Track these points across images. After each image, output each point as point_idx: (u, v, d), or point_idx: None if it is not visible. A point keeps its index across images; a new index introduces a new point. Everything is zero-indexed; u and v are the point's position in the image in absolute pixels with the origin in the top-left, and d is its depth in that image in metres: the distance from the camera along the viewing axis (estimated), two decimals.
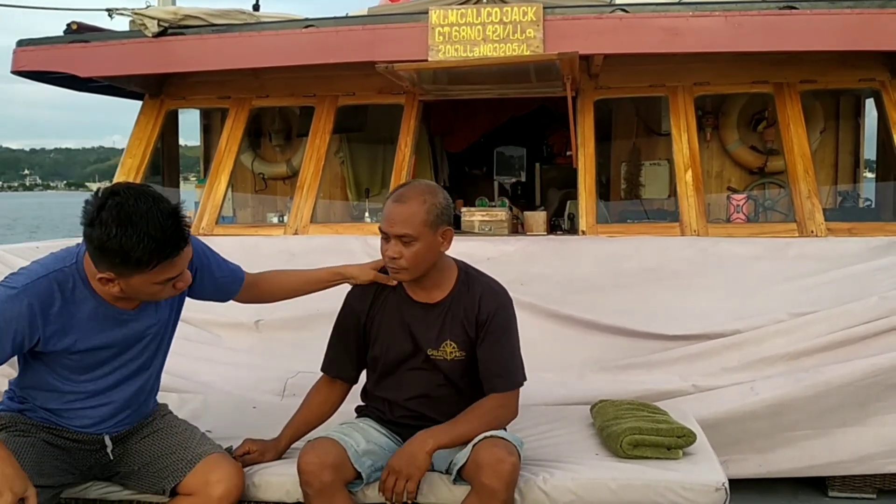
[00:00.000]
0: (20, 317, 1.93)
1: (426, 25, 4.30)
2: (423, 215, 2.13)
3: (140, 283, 1.95)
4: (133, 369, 2.23)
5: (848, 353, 3.20)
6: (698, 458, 2.30)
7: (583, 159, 4.52)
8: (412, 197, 2.15)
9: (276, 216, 5.21)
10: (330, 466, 2.08)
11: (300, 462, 2.11)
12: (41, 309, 1.96)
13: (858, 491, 3.22)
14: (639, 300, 3.68)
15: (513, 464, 2.04)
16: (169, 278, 1.98)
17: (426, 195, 2.16)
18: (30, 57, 4.85)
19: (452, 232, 2.22)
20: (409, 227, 2.12)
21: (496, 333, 2.23)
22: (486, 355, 2.22)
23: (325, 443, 2.15)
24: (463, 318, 2.24)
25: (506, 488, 2.03)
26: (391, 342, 2.29)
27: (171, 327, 2.32)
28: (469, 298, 2.25)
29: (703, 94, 4.68)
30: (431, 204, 2.15)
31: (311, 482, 2.08)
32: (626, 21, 4.17)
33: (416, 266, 2.17)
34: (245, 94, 5.06)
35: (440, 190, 2.23)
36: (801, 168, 4.34)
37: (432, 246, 2.17)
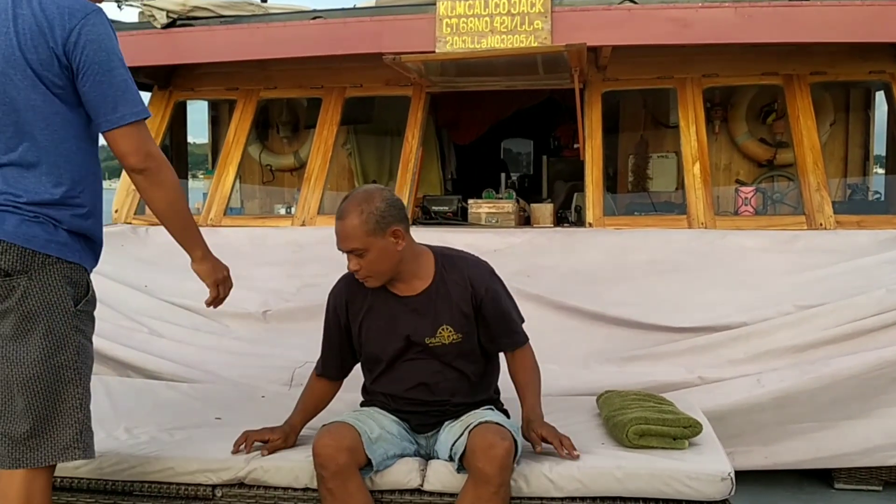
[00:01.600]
0: None
1: (434, 17, 4.30)
2: (363, 226, 2.16)
3: None
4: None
5: (855, 345, 3.19)
6: (704, 448, 2.31)
7: (590, 151, 4.52)
8: (349, 211, 2.19)
9: (283, 207, 5.23)
10: (346, 450, 2.12)
11: (316, 445, 2.14)
12: None
13: (864, 483, 3.23)
14: (645, 292, 3.68)
15: (505, 448, 2.06)
16: None
17: (362, 205, 2.18)
18: None
19: (403, 229, 2.23)
20: (354, 241, 2.17)
21: (497, 300, 2.30)
22: (494, 322, 2.30)
23: (340, 427, 2.19)
24: (455, 299, 2.27)
25: (499, 472, 2.05)
26: (385, 341, 2.31)
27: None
28: (456, 279, 2.29)
29: (711, 85, 4.66)
30: (368, 213, 2.17)
31: (327, 465, 2.11)
32: (634, 12, 4.15)
33: (378, 272, 2.23)
34: (253, 85, 5.07)
35: (379, 193, 2.23)
36: (811, 161, 4.32)
37: (386, 249, 2.20)
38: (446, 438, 2.24)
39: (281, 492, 2.27)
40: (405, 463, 2.26)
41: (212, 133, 6.51)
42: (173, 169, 2.03)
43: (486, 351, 2.36)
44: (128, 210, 4.95)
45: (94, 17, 1.86)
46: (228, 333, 3.73)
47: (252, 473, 2.27)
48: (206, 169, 6.42)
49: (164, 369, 3.39)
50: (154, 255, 4.40)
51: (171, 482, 2.31)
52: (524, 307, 3.57)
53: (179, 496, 2.31)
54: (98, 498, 2.34)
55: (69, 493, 2.35)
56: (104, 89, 1.85)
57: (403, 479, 2.24)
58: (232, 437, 2.39)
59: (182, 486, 2.30)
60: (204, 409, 2.76)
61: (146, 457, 2.32)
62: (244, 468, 2.27)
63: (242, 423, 2.52)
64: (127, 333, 3.61)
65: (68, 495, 2.36)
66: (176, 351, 3.52)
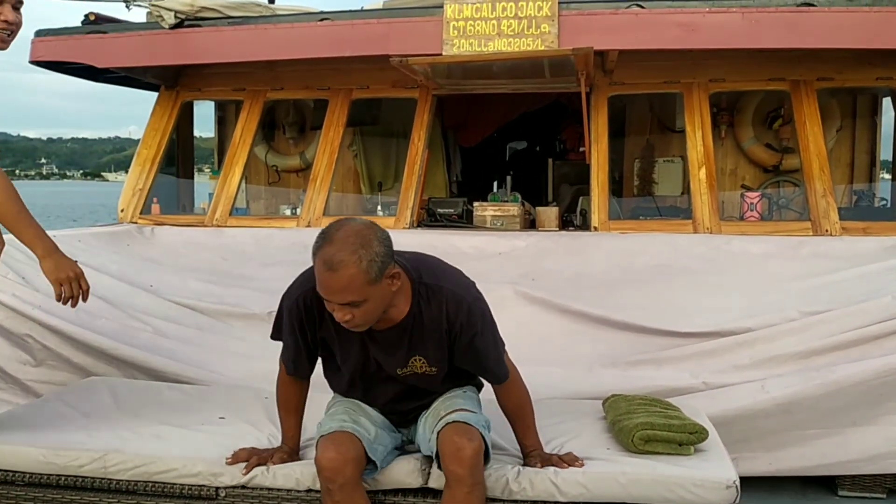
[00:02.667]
0: None
1: (441, 19, 4.31)
2: (363, 276, 1.87)
3: None
4: None
5: (860, 352, 3.18)
6: (710, 454, 2.30)
7: (596, 155, 4.52)
8: (345, 261, 1.86)
9: (289, 208, 5.23)
10: (352, 461, 2.09)
11: (322, 458, 2.08)
12: None
13: (868, 490, 3.21)
14: (650, 297, 3.67)
15: (473, 449, 2.04)
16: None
17: (359, 251, 1.87)
18: (48, 47, 4.89)
19: (399, 270, 2.01)
20: (351, 294, 1.89)
21: (473, 340, 2.11)
22: (471, 361, 2.18)
23: (343, 437, 2.13)
24: (431, 332, 2.10)
25: (470, 473, 2.05)
26: (354, 364, 2.21)
27: None
28: (433, 311, 2.08)
29: (718, 90, 4.66)
30: (369, 261, 1.88)
31: (335, 478, 2.07)
32: (641, 17, 4.15)
33: (372, 319, 2.01)
34: (260, 86, 5.09)
35: (373, 233, 1.93)
36: (817, 166, 4.32)
37: (384, 295, 1.97)
38: (423, 433, 2.25)
39: (284, 493, 2.27)
40: (408, 462, 2.25)
41: (218, 133, 6.52)
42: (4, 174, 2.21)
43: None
44: (133, 210, 4.97)
45: None
46: (233, 334, 3.73)
47: (256, 479, 2.27)
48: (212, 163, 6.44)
49: (168, 369, 3.39)
50: (159, 255, 4.41)
51: (174, 482, 2.31)
52: (529, 310, 3.62)
53: (183, 496, 2.31)
54: (102, 497, 2.35)
55: (73, 491, 2.36)
56: None
57: (406, 479, 2.24)
58: (236, 438, 2.40)
59: (186, 487, 2.30)
60: (208, 410, 2.76)
61: (150, 456, 2.32)
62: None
63: (247, 423, 2.53)
64: (132, 333, 3.61)
65: (72, 493, 2.36)
66: (181, 351, 3.53)
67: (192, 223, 4.80)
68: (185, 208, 5.79)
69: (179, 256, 4.41)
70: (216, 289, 3.97)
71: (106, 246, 4.34)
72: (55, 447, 2.37)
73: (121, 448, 2.36)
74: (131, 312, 3.76)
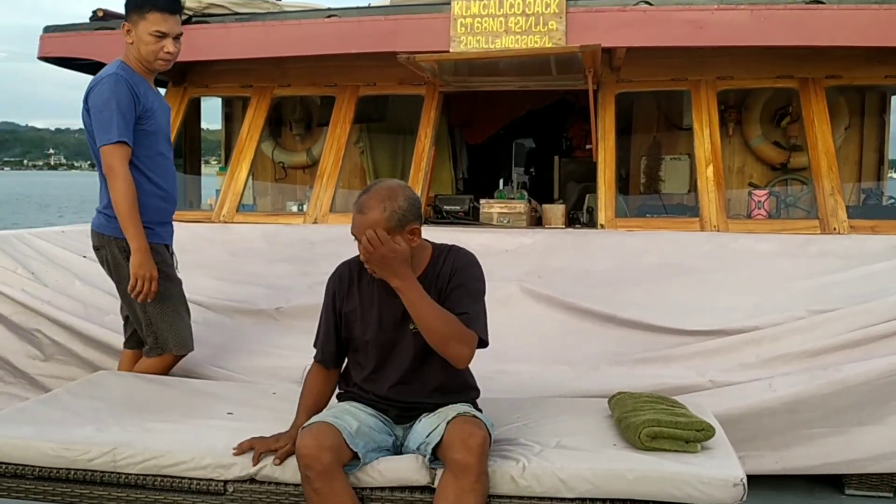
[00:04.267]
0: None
1: (448, 16, 4.31)
2: (384, 222, 2.18)
3: (142, 32, 2.90)
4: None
5: (867, 351, 3.17)
6: (716, 452, 2.30)
7: (603, 153, 4.51)
8: (372, 206, 2.20)
9: (295, 205, 5.25)
10: (328, 448, 2.13)
11: (299, 446, 2.15)
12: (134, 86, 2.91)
13: (875, 490, 3.21)
14: (657, 295, 3.67)
15: (482, 437, 2.09)
16: (159, 31, 2.90)
17: (385, 202, 2.20)
18: (56, 43, 4.92)
19: (420, 228, 2.27)
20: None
21: (462, 284, 2.28)
22: (452, 301, 2.25)
23: (321, 426, 2.20)
24: (438, 287, 2.30)
25: (478, 461, 2.07)
26: (370, 325, 2.34)
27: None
28: (444, 269, 2.32)
29: (726, 88, 4.65)
30: (392, 210, 2.19)
31: (312, 465, 2.12)
32: (649, 14, 4.15)
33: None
34: (267, 82, 5.09)
35: (402, 191, 2.25)
36: (825, 164, 4.31)
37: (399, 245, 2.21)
38: (422, 430, 2.26)
39: (292, 488, 2.27)
40: (416, 459, 2.26)
41: (225, 129, 6.54)
42: (130, 182, 2.87)
43: None
44: None
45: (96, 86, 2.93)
46: (241, 330, 3.74)
47: (263, 470, 2.28)
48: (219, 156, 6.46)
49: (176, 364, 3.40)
50: None
51: (183, 476, 2.32)
52: (535, 308, 3.63)
53: (191, 490, 2.32)
54: (111, 490, 2.36)
55: (82, 485, 2.37)
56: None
57: (414, 476, 2.24)
58: (244, 433, 2.40)
59: (194, 481, 2.31)
60: (216, 405, 2.78)
61: (159, 450, 2.34)
62: (256, 464, 2.28)
63: (254, 418, 2.54)
64: None
65: (81, 487, 2.38)
66: None
67: (199, 219, 4.81)
68: (193, 204, 5.81)
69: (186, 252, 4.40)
70: (223, 285, 3.99)
71: None
72: (65, 441, 2.38)
73: (130, 442, 2.37)
74: None
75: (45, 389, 3.46)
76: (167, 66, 3.02)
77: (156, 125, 3.01)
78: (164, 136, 3.09)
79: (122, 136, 2.84)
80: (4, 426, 2.50)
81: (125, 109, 2.87)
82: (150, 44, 2.92)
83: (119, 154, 2.85)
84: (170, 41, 2.95)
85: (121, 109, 2.85)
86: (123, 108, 2.86)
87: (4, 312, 3.63)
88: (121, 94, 2.86)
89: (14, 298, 3.62)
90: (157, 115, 3.03)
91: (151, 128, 2.99)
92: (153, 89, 3.09)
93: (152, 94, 3.05)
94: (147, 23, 2.90)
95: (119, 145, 2.85)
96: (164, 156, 3.09)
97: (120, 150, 2.85)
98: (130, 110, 2.88)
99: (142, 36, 2.93)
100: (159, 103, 3.10)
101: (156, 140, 3.02)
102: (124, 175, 2.85)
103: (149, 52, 2.94)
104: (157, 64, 2.99)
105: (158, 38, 2.92)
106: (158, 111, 3.05)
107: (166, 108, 3.17)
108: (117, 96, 2.85)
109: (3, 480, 2.41)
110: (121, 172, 2.84)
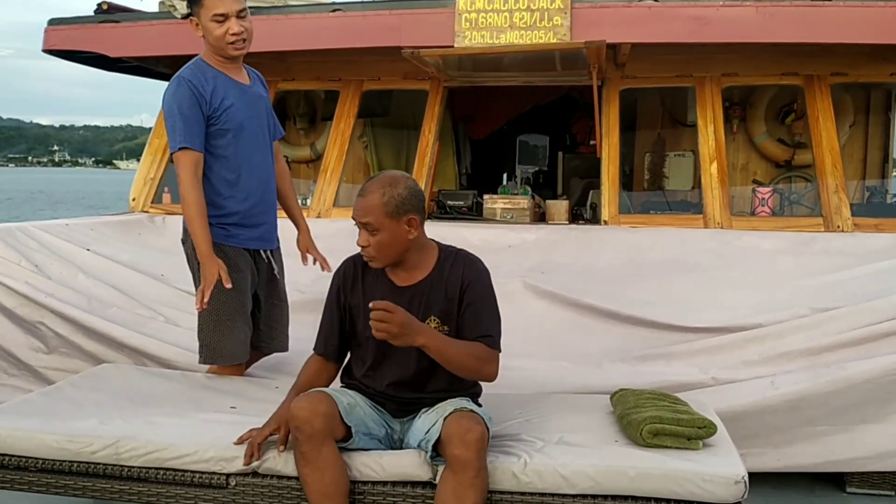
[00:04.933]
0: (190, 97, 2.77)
1: (453, 11, 4.30)
2: (382, 207, 2.23)
3: (205, 20, 2.78)
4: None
5: (870, 349, 3.16)
6: (718, 449, 2.30)
7: (607, 149, 4.51)
8: (373, 190, 2.25)
9: (299, 199, 5.23)
10: (321, 415, 2.15)
11: (292, 409, 2.18)
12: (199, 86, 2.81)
13: (877, 488, 3.20)
14: (660, 291, 3.67)
15: (480, 432, 2.09)
16: (218, 14, 2.75)
17: (386, 187, 2.25)
18: (60, 36, 4.91)
19: (418, 219, 2.29)
20: (370, 216, 2.23)
21: (478, 300, 2.30)
22: (467, 318, 2.28)
23: (317, 394, 2.24)
24: (446, 292, 2.31)
25: (476, 456, 2.07)
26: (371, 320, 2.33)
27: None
28: (451, 274, 2.33)
29: (731, 85, 4.64)
30: (390, 196, 2.23)
31: (303, 427, 2.14)
32: (655, 10, 4.14)
33: (382, 254, 2.27)
34: (271, 76, 5.06)
35: (405, 180, 2.29)
36: (829, 162, 4.30)
37: (397, 234, 2.25)
38: (421, 426, 2.26)
39: (294, 482, 2.28)
40: (418, 455, 2.26)
41: None
42: (195, 186, 2.80)
43: None
44: (145, 199, 4.99)
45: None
46: None
47: (266, 463, 2.29)
48: None
49: (179, 358, 3.41)
50: (170, 244, 4.42)
51: (185, 469, 2.32)
52: (538, 304, 3.62)
53: (194, 483, 2.33)
54: (114, 483, 2.37)
55: (85, 477, 2.38)
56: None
57: (416, 471, 2.25)
58: (247, 427, 2.40)
59: (196, 474, 2.32)
60: (218, 399, 2.78)
61: (162, 443, 2.34)
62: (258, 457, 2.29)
63: (257, 412, 2.54)
64: (143, 322, 3.64)
65: (84, 480, 2.39)
66: (191, 340, 3.53)
67: None
68: None
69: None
70: None
71: (117, 235, 4.37)
72: (68, 434, 2.39)
73: (133, 435, 2.38)
74: (142, 301, 3.79)
75: (49, 382, 3.47)
76: (241, 48, 2.85)
77: (233, 121, 2.86)
78: (248, 132, 2.91)
79: (185, 143, 2.77)
80: (8, 418, 2.51)
81: (188, 113, 2.77)
82: (215, 29, 2.78)
83: (182, 161, 2.78)
84: (233, 21, 2.79)
85: (183, 114, 2.77)
86: (186, 112, 2.77)
87: (8, 305, 3.64)
88: (182, 99, 2.77)
89: (18, 291, 3.62)
90: (235, 111, 2.86)
91: (228, 125, 2.85)
92: (234, 81, 2.91)
93: (230, 89, 2.88)
94: (206, 9, 2.78)
95: (182, 152, 2.77)
96: (248, 152, 2.92)
97: (183, 156, 2.78)
98: (195, 113, 2.78)
99: (206, 25, 2.80)
100: (240, 96, 2.90)
101: (235, 137, 2.87)
102: (188, 183, 2.78)
103: (216, 38, 2.80)
104: (230, 50, 2.83)
105: (220, 22, 2.77)
106: (237, 105, 2.87)
107: (254, 99, 2.97)
108: (178, 101, 2.78)
109: (6, 472, 2.42)
110: (184, 180, 2.78)
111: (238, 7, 2.81)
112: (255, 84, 3.04)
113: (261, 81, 3.10)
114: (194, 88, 2.79)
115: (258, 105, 3.00)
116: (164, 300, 3.83)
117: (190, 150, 2.79)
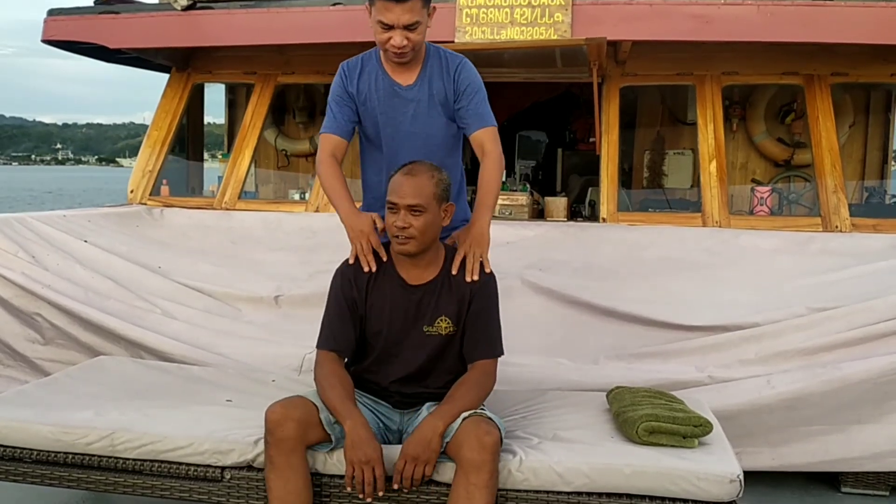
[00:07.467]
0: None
1: (454, 7, 4.29)
2: (433, 188, 2.26)
3: (372, 20, 2.58)
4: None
5: (867, 350, 3.17)
6: (713, 448, 2.30)
7: (606, 146, 4.50)
8: (422, 171, 2.28)
9: (297, 193, 5.24)
10: (295, 420, 2.13)
11: (267, 411, 2.16)
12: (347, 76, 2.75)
13: (871, 488, 3.21)
14: (658, 289, 3.67)
15: (498, 436, 2.11)
16: (382, 22, 2.53)
17: (433, 171, 2.30)
18: (60, 26, 4.89)
19: (454, 208, 2.36)
20: (420, 197, 2.23)
21: (483, 305, 2.35)
22: (473, 326, 2.33)
23: (295, 400, 2.21)
24: (455, 292, 2.34)
25: (492, 459, 2.09)
26: (385, 321, 2.35)
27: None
28: (460, 277, 2.35)
29: (731, 83, 4.63)
30: (439, 179, 2.29)
31: (274, 431, 2.13)
32: (655, 7, 4.13)
33: (423, 237, 2.27)
34: (271, 70, 5.08)
35: (444, 169, 2.37)
36: (829, 162, 4.29)
37: (437, 219, 2.29)
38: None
39: None
40: None
41: (228, 116, 6.52)
42: (324, 161, 2.73)
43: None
44: (143, 191, 4.98)
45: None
46: (241, 317, 3.75)
47: (260, 456, 2.28)
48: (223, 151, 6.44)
49: (176, 351, 3.41)
50: (168, 237, 4.43)
51: (180, 462, 2.33)
52: (536, 300, 3.62)
53: (189, 476, 2.33)
54: (108, 475, 2.37)
55: (80, 469, 2.39)
56: None
57: None
58: (242, 420, 2.41)
59: (191, 467, 2.33)
60: (215, 392, 2.78)
61: (158, 435, 2.35)
62: (253, 451, 2.29)
63: (253, 406, 2.54)
64: (140, 314, 3.63)
65: (79, 471, 2.39)
66: (188, 333, 3.55)
67: (201, 206, 4.81)
68: (195, 191, 5.81)
69: (188, 239, 4.43)
70: (224, 271, 3.99)
71: (115, 227, 4.36)
72: (63, 425, 2.39)
73: (129, 427, 2.38)
74: (140, 293, 3.79)
75: (45, 373, 3.47)
76: (400, 59, 2.64)
77: (366, 113, 2.77)
78: (371, 124, 2.78)
79: (326, 129, 2.75)
80: (3, 409, 2.51)
81: (334, 101, 2.76)
82: (378, 33, 2.62)
83: (321, 145, 2.76)
84: (398, 34, 2.54)
85: (332, 101, 2.77)
86: (333, 99, 2.76)
87: (5, 296, 3.63)
88: (335, 86, 2.78)
89: (14, 282, 3.62)
90: (370, 103, 2.74)
91: (363, 117, 2.78)
92: (385, 75, 2.75)
93: (377, 81, 2.75)
94: (375, 10, 2.59)
95: (323, 136, 2.76)
96: (371, 144, 2.86)
97: (323, 140, 2.76)
98: (341, 101, 2.75)
99: (372, 24, 2.63)
100: (380, 89, 2.75)
101: (364, 129, 2.83)
102: (321, 161, 2.75)
103: (378, 41, 2.65)
104: (388, 55, 2.67)
105: (384, 29, 2.57)
106: (373, 99, 2.74)
107: (388, 93, 2.75)
108: (332, 88, 2.79)
109: (1, 463, 2.42)
110: (320, 159, 2.76)
111: (407, 20, 2.52)
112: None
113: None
114: (345, 78, 2.80)
115: (390, 99, 2.80)
116: (161, 293, 3.83)
117: (330, 136, 2.79)
